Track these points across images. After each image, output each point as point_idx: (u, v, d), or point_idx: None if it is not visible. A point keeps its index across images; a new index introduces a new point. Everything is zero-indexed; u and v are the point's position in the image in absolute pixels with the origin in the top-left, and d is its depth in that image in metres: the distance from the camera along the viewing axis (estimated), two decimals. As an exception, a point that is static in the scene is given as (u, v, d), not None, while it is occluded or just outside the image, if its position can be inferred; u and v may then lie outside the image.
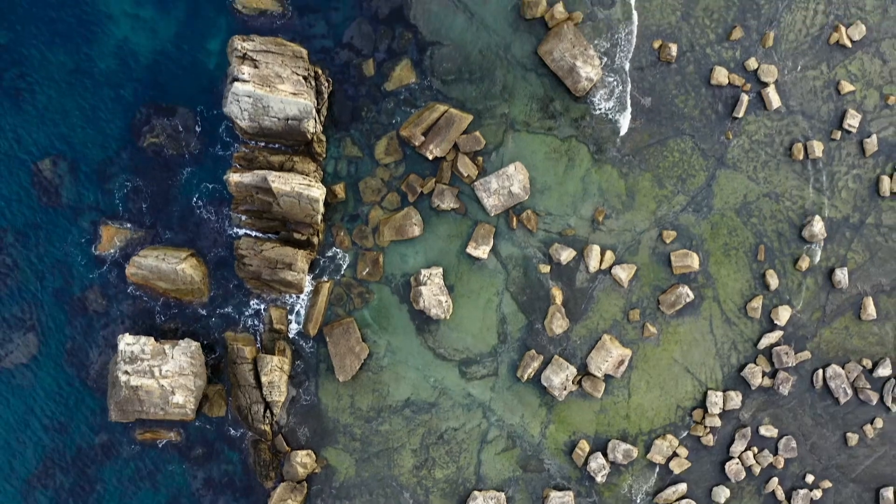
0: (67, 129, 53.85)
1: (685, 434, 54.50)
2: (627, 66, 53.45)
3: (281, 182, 50.43)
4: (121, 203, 53.92)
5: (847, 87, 53.74)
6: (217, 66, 53.56)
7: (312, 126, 51.59)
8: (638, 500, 54.82)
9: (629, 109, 53.40)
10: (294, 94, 51.03)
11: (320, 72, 52.95)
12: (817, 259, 54.07)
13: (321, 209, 51.62)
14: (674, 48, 52.98)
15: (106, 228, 53.76)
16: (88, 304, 54.12)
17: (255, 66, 51.07)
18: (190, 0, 53.82)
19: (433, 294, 52.69)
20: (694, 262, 53.41)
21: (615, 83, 53.51)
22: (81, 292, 54.03)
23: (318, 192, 51.13)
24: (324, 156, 53.36)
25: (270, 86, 50.75)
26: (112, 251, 53.78)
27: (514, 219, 53.47)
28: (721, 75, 53.38)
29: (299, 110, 50.91)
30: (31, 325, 54.13)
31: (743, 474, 54.52)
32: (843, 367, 54.50)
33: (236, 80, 50.41)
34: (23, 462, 54.29)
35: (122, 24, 53.74)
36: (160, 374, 51.61)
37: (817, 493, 54.94)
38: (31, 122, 53.78)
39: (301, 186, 50.77)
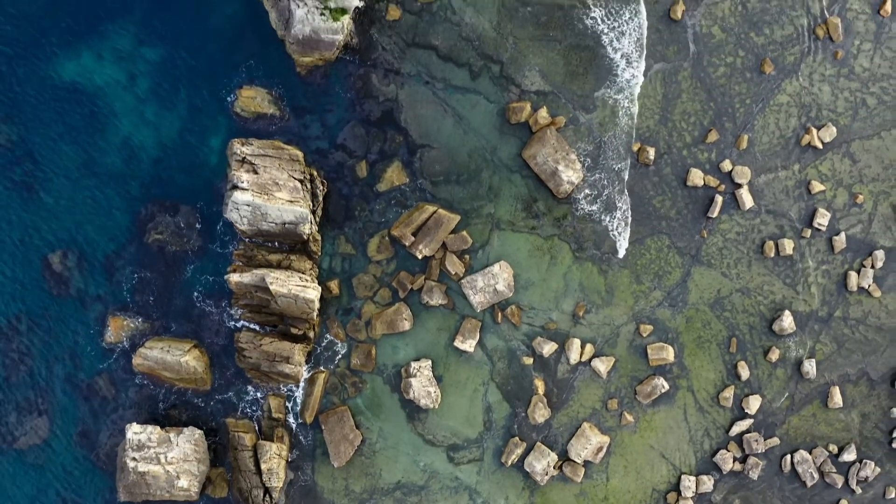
0: (76, 223, 56.38)
1: (660, 515, 57.83)
2: (627, 170, 55.82)
3: (279, 284, 53.31)
4: (128, 295, 56.69)
5: (818, 186, 56.29)
6: (217, 165, 56.10)
7: (308, 229, 54.36)
8: (616, 576, 58.14)
9: (628, 226, 56.08)
10: (291, 201, 53.78)
11: (316, 174, 55.56)
12: (788, 352, 56.94)
13: (316, 308, 54.54)
14: (652, 152, 55.56)
15: (114, 319, 56.65)
16: (97, 390, 57.09)
17: (254, 172, 53.75)
18: (191, 100, 56.21)
19: (422, 385, 55.73)
20: (669, 354, 56.32)
21: (605, 183, 55.97)
22: (90, 379, 56.89)
23: (314, 293, 54.02)
24: (319, 253, 56.20)
25: (268, 194, 53.50)
26: (120, 341, 56.72)
27: (499, 314, 56.36)
28: (697, 177, 55.98)
29: (295, 217, 53.71)
30: (43, 409, 57.16)
31: (714, 552, 57.81)
32: (810, 453, 57.47)
33: (236, 187, 53.15)
34: (36, 537, 57.84)
35: (126, 122, 56.12)
36: (166, 461, 54.81)
37: (785, 569, 58.19)
38: (41, 215, 56.31)
39: (297, 288, 53.65)
